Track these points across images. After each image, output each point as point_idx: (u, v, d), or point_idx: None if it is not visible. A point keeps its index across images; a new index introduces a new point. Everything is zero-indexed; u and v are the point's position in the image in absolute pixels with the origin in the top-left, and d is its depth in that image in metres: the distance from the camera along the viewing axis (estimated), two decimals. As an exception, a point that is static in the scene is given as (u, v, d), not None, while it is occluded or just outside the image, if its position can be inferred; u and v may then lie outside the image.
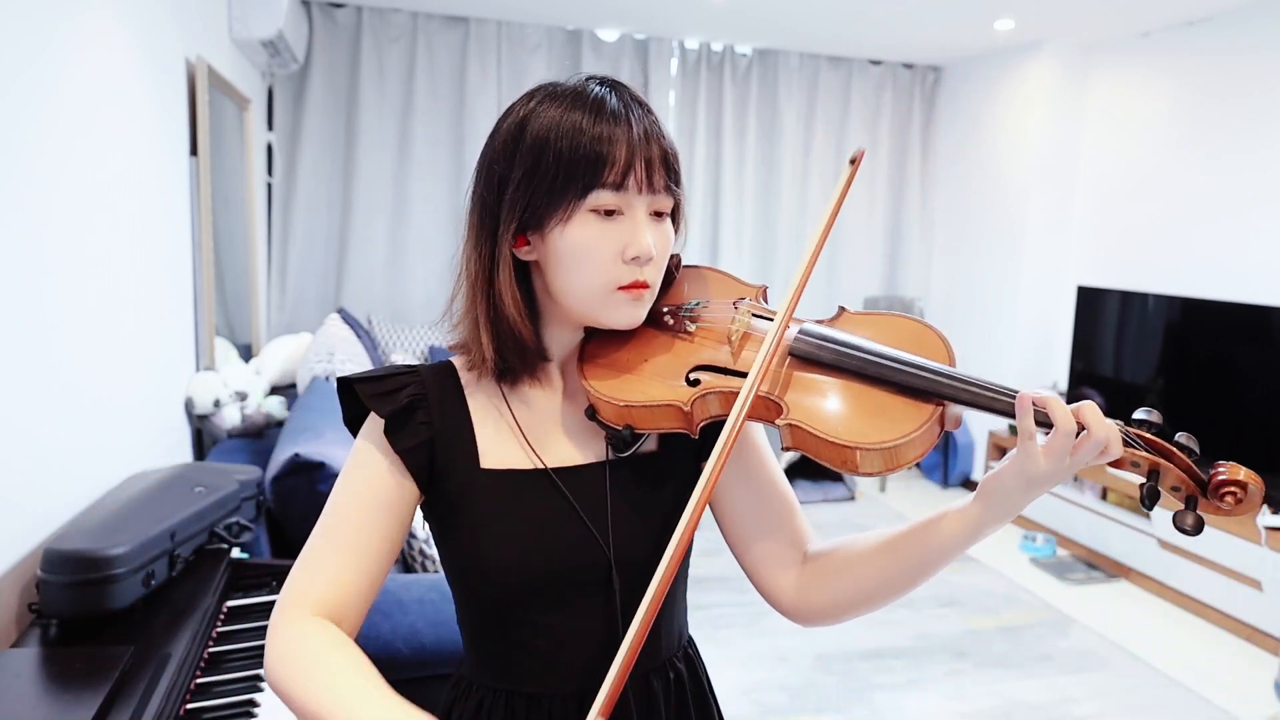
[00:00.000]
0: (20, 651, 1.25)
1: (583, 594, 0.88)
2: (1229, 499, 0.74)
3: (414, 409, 0.88)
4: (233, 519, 1.72)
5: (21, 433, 1.50)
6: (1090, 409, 0.75)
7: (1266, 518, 3.38)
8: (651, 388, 0.86)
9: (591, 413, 0.89)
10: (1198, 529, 0.74)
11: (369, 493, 0.87)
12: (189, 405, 2.66)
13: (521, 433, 0.91)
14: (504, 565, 0.87)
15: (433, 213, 4.77)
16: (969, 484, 5.26)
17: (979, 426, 5.09)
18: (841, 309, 0.93)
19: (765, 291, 0.97)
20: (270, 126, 4.52)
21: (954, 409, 0.81)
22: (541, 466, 0.89)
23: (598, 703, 0.71)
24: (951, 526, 0.83)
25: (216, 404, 2.68)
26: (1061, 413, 0.75)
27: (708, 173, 5.19)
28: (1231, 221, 3.94)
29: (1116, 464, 0.78)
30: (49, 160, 1.64)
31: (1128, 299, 4.35)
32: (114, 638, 1.31)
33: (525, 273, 0.90)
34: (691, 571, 1.02)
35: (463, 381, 0.92)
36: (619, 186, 0.83)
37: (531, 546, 0.87)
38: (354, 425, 0.92)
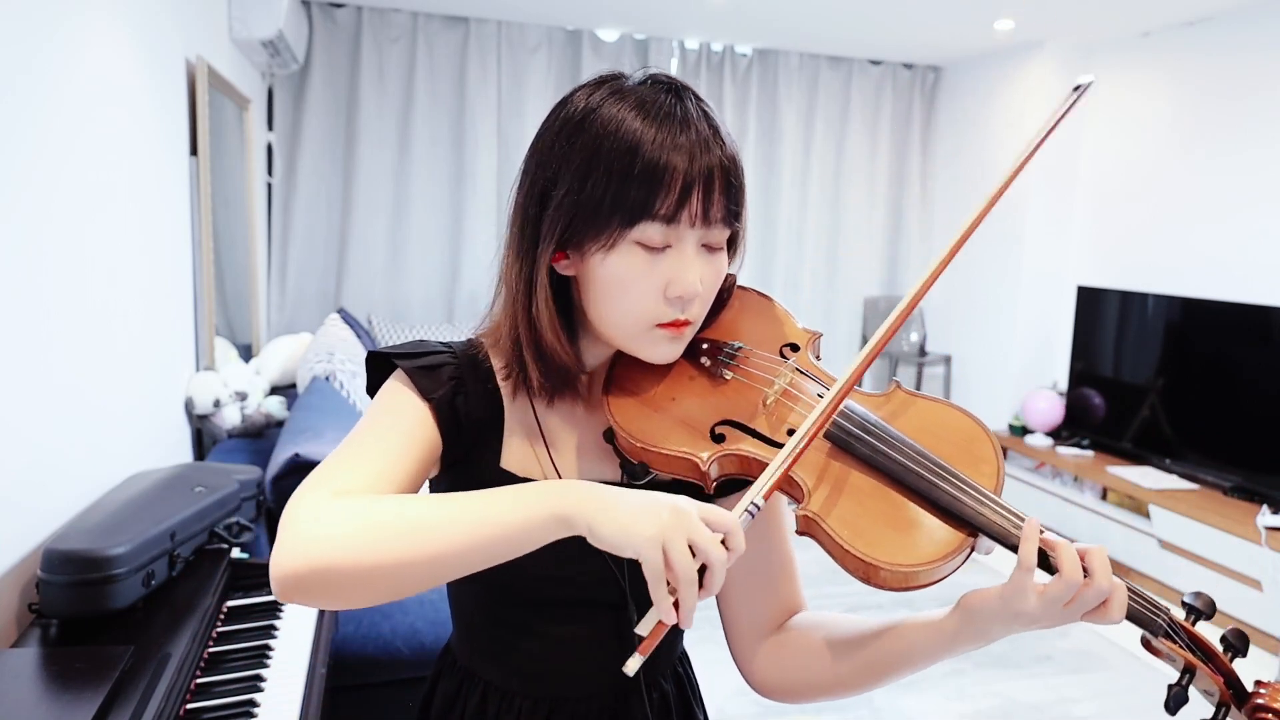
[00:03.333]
0: (20, 651, 1.25)
1: (575, 608, 0.87)
2: None
3: (455, 393, 0.83)
4: (233, 519, 1.72)
5: (22, 433, 1.50)
6: (1098, 556, 0.69)
7: (1266, 518, 3.37)
8: (673, 434, 0.80)
9: (610, 436, 0.84)
10: None
11: (405, 424, 0.80)
12: (189, 405, 2.66)
13: (545, 442, 0.87)
14: (497, 569, 0.87)
15: (433, 213, 4.77)
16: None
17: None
18: (895, 385, 0.85)
19: (818, 340, 0.89)
20: (270, 126, 4.52)
21: (987, 541, 0.74)
22: (557, 480, 0.86)
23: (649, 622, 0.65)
24: (922, 637, 0.79)
25: (216, 404, 2.68)
26: (1069, 558, 0.70)
27: (708, 173, 5.19)
28: (1231, 221, 3.93)
29: (1151, 650, 0.72)
30: (49, 160, 1.64)
31: (1127, 299, 4.35)
32: (114, 638, 1.31)
33: (565, 285, 0.83)
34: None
35: (497, 373, 0.88)
36: (670, 219, 0.75)
37: (527, 557, 0.86)
38: None
